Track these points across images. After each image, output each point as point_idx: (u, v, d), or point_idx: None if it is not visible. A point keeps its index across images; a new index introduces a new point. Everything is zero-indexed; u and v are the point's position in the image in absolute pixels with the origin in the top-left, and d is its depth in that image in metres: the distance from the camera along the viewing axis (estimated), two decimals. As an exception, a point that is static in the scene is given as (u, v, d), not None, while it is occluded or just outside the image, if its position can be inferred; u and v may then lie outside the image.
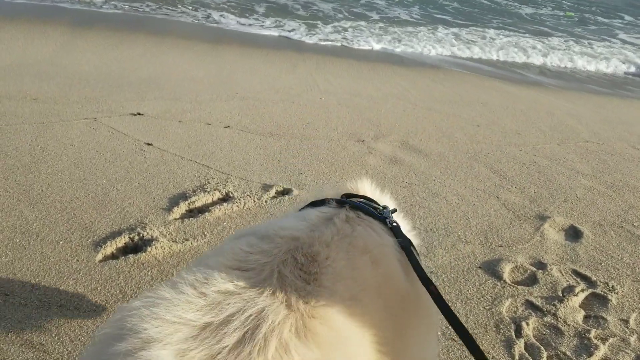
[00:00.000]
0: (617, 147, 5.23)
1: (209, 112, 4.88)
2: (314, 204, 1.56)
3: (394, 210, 1.62)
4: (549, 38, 11.71)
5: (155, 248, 2.72)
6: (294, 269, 1.17)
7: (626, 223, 3.60)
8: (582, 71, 9.59)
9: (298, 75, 6.67)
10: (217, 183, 3.51)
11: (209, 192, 3.37)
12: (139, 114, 4.59)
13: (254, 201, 3.34)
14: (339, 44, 9.02)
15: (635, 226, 3.57)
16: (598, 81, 9.03)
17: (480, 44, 10.18)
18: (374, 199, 1.69)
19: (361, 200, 1.61)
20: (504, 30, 11.80)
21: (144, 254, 2.68)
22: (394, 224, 1.51)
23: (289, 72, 6.81)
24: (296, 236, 1.29)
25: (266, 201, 3.37)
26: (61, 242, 2.71)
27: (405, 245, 1.44)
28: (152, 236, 2.82)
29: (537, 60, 9.77)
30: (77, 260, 2.58)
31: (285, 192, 3.55)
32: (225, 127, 4.54)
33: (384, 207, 1.57)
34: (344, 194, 1.66)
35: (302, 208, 1.60)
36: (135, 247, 2.77)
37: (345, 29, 9.97)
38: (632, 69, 10.03)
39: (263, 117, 4.93)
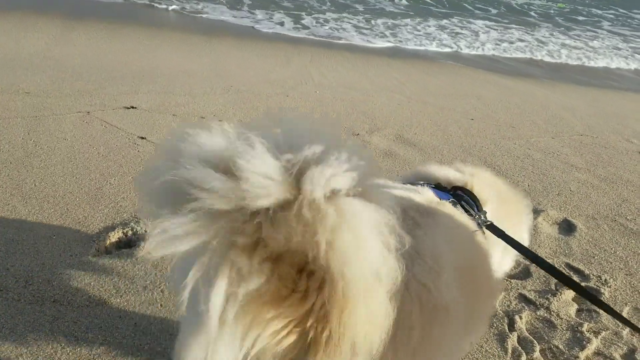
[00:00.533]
0: (610, 141, 5.26)
1: (203, 105, 4.85)
2: (429, 184, 1.74)
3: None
4: (541, 30, 11.73)
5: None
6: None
7: (619, 216, 3.62)
8: (576, 64, 9.60)
9: (292, 68, 6.64)
10: (212, 177, 3.49)
11: (203, 187, 3.35)
12: (133, 107, 4.56)
13: (249, 195, 3.33)
14: (332, 38, 8.98)
15: (629, 220, 3.59)
16: (592, 74, 9.05)
17: (473, 37, 10.18)
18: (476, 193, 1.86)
19: (465, 200, 1.78)
20: (495, 22, 11.79)
21: (137, 249, 2.66)
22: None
23: (283, 65, 6.77)
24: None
25: (261, 195, 3.36)
26: (54, 237, 2.69)
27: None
28: (146, 231, 2.81)
29: (531, 53, 9.76)
30: (71, 255, 2.57)
31: (279, 186, 3.53)
32: (220, 121, 4.51)
33: (481, 214, 1.75)
34: (454, 187, 1.85)
35: (416, 180, 1.79)
36: (129, 242, 2.76)
37: (335, 21, 9.94)
38: (625, 62, 10.06)
39: (257, 110, 4.91)
